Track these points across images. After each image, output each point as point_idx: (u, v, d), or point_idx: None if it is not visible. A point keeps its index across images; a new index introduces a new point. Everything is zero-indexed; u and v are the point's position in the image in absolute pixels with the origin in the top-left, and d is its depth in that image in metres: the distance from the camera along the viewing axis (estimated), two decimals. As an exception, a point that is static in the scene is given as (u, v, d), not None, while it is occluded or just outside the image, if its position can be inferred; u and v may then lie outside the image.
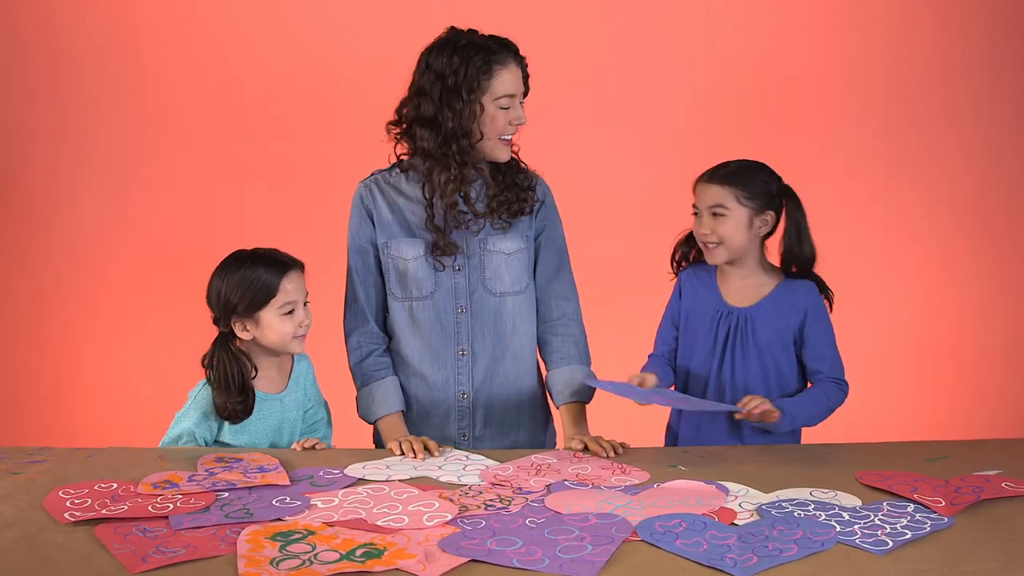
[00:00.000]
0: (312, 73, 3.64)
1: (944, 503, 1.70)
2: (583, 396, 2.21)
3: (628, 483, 1.84)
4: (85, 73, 3.65)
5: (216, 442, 2.10)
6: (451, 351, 2.19)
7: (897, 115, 3.69)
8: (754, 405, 2.03)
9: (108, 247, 3.70)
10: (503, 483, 1.83)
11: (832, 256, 2.26)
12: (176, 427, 2.08)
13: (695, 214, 2.19)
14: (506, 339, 2.20)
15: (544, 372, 2.28)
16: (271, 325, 2.07)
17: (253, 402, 2.07)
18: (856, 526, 1.61)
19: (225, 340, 2.08)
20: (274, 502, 1.70)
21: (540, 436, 2.28)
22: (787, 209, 2.17)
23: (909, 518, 1.64)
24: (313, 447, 2.06)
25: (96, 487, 1.76)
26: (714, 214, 2.14)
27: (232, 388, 2.04)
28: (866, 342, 3.64)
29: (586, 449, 2.04)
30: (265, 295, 2.06)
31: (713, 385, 2.21)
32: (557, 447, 2.25)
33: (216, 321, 2.09)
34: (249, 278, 2.05)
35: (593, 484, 1.83)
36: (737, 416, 2.06)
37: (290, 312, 2.08)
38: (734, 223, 2.14)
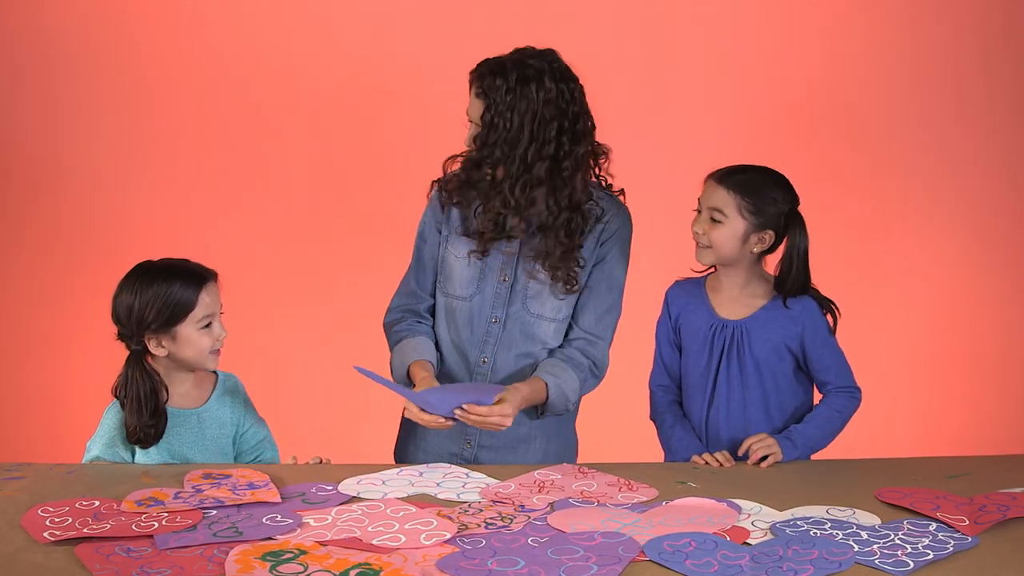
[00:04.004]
0: (315, 73, 3.65)
1: (968, 522, 1.70)
2: (559, 395, 2.16)
3: (635, 500, 1.84)
4: (80, 76, 3.64)
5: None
6: (475, 357, 2.21)
7: (911, 120, 3.70)
8: (755, 448, 2.08)
9: (100, 255, 3.69)
10: (504, 500, 1.82)
11: (845, 265, 2.26)
12: (87, 456, 2.07)
13: (697, 210, 2.19)
14: (533, 358, 2.21)
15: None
16: (189, 340, 2.05)
17: (164, 426, 2.04)
18: (875, 546, 1.60)
19: (138, 358, 2.05)
20: (264, 520, 1.70)
21: (548, 460, 2.26)
22: (789, 236, 2.16)
23: (931, 537, 1.64)
24: (320, 462, 2.06)
25: (77, 505, 1.75)
26: (712, 218, 2.15)
27: (145, 410, 2.01)
28: (882, 353, 3.64)
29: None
30: (183, 309, 2.03)
31: (709, 402, 2.21)
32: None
33: (125, 338, 2.05)
34: (165, 291, 2.02)
35: (599, 502, 1.83)
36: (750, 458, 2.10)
37: (207, 325, 2.06)
38: (728, 232, 2.14)
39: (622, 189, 2.23)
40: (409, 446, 2.31)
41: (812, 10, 3.66)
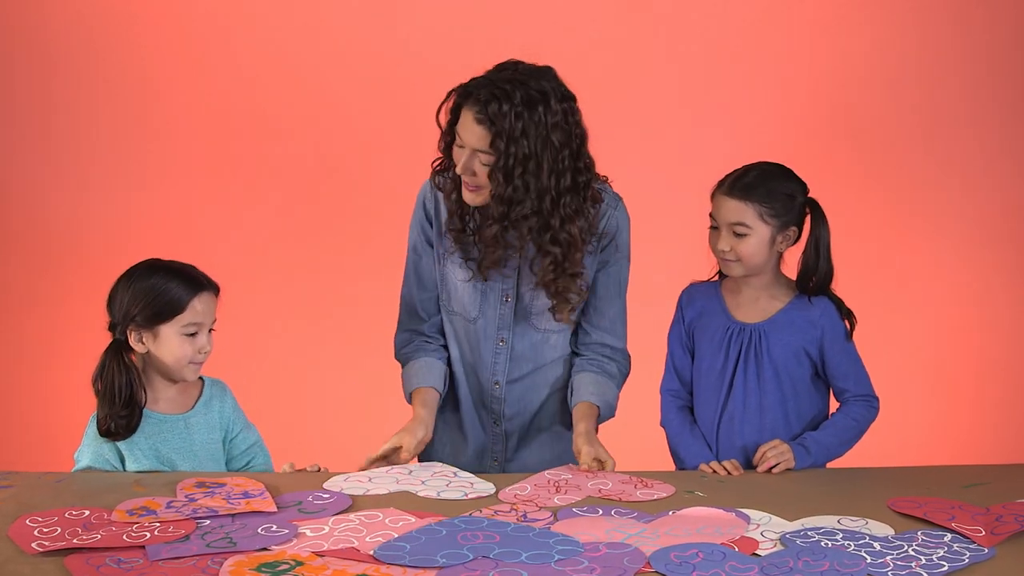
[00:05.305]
0: (319, 75, 3.64)
1: (984, 533, 1.70)
2: (607, 410, 2.21)
3: (654, 496, 1.89)
4: (76, 76, 3.64)
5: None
6: (487, 379, 2.23)
7: (919, 123, 3.69)
8: (768, 456, 2.09)
9: (93, 259, 3.69)
10: (526, 502, 1.85)
11: (850, 270, 2.26)
12: (76, 467, 2.06)
13: (713, 227, 2.18)
14: (544, 370, 2.24)
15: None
16: (169, 343, 2.05)
17: (138, 421, 2.04)
18: (888, 557, 1.60)
19: (118, 349, 2.06)
20: (259, 530, 1.69)
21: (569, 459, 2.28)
22: (812, 224, 2.17)
23: (946, 549, 1.64)
24: (318, 470, 2.06)
25: (67, 514, 1.75)
26: (735, 232, 2.13)
27: (117, 401, 2.02)
28: (894, 360, 3.63)
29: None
30: (171, 309, 2.04)
31: (723, 407, 2.20)
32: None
33: (112, 327, 2.07)
34: (159, 287, 2.04)
35: (620, 499, 1.86)
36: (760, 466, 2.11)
37: (193, 334, 2.06)
38: (756, 242, 2.13)
39: (607, 177, 2.18)
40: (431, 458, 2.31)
41: (815, 11, 3.65)
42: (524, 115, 1.95)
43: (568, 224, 2.03)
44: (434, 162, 2.16)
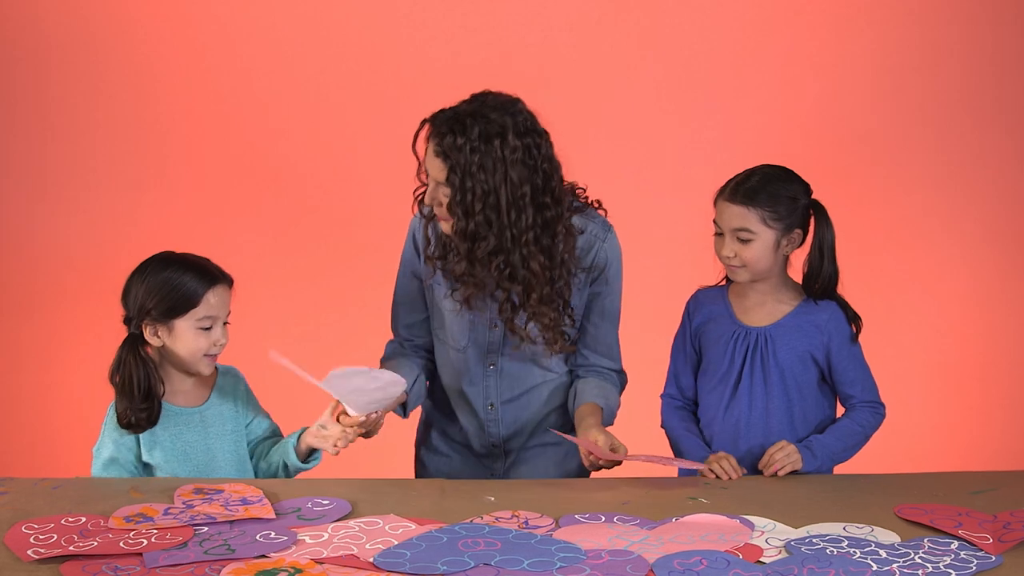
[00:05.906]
0: (324, 73, 3.65)
1: (992, 540, 1.69)
2: (609, 413, 2.21)
3: (687, 464, 2.06)
4: (74, 76, 3.64)
5: (144, 465, 2.08)
6: (480, 403, 2.23)
7: (924, 126, 3.69)
8: (776, 459, 2.08)
9: (92, 263, 3.69)
10: (513, 516, 1.85)
11: (855, 275, 2.26)
12: (97, 461, 2.08)
13: (717, 233, 2.17)
14: (538, 389, 2.23)
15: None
16: (184, 337, 2.07)
17: (158, 412, 2.06)
18: (894, 565, 1.59)
19: (134, 342, 2.08)
20: (258, 537, 1.69)
21: (570, 468, 2.28)
22: (815, 226, 2.16)
23: (953, 556, 1.63)
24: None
25: (63, 521, 1.75)
26: (739, 238, 2.13)
27: (136, 394, 2.04)
28: (900, 365, 3.63)
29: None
30: (186, 303, 2.05)
31: (727, 410, 2.20)
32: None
33: (127, 321, 2.09)
34: (173, 282, 2.06)
35: (661, 463, 2.03)
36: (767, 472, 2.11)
37: (208, 328, 2.08)
38: (761, 246, 2.13)
39: (598, 201, 2.16)
40: (429, 467, 2.34)
41: (817, 13, 3.65)
42: (480, 149, 1.94)
43: (530, 261, 2.01)
44: (416, 190, 2.12)
